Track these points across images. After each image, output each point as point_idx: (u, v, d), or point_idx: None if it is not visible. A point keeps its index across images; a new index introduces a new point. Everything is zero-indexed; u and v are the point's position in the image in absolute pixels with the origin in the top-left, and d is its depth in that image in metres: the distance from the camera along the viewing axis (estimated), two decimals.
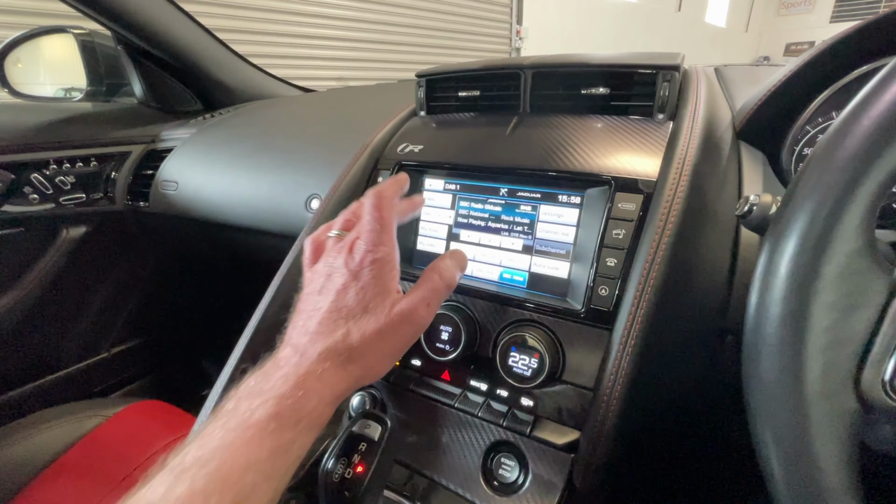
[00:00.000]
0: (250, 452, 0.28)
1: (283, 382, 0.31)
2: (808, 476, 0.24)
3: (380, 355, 0.35)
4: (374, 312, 0.34)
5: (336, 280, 0.35)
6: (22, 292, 0.90)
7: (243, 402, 0.30)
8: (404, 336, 0.36)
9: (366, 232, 0.36)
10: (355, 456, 0.37)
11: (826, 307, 0.23)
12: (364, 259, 0.35)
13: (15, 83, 0.98)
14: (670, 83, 0.49)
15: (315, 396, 0.31)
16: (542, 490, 0.44)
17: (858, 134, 0.23)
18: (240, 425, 0.28)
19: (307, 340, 0.33)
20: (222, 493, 0.26)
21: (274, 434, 0.29)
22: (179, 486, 0.25)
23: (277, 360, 0.33)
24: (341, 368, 0.33)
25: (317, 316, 0.34)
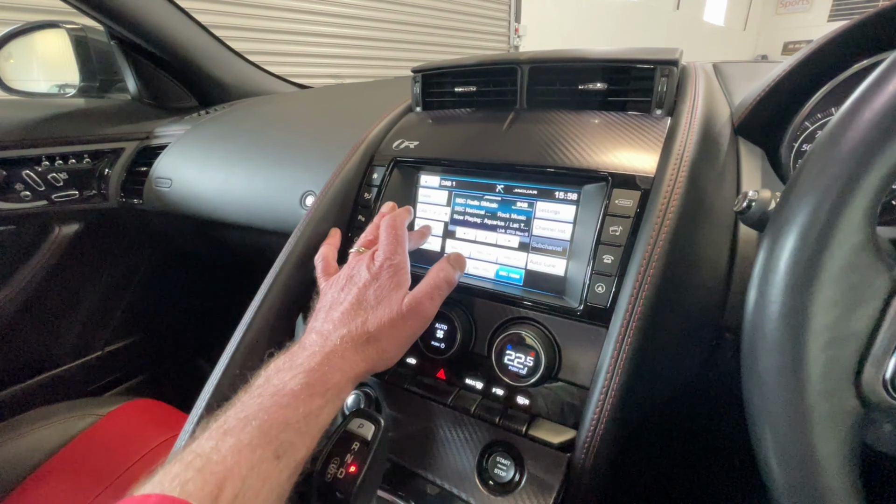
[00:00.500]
0: (287, 414, 0.32)
1: (311, 359, 0.36)
2: (808, 475, 0.23)
3: (393, 341, 0.40)
4: (388, 305, 0.40)
5: (358, 280, 0.42)
6: (14, 290, 0.89)
7: (274, 376, 0.35)
8: (413, 326, 0.41)
9: (384, 245, 0.43)
10: (348, 455, 0.36)
11: (827, 304, 0.22)
12: (383, 264, 0.42)
13: (7, 79, 0.96)
14: (668, 78, 0.49)
15: (338, 371, 0.36)
16: (537, 489, 0.44)
17: (860, 127, 0.22)
18: (275, 393, 0.33)
19: (331, 327, 0.39)
20: (265, 446, 0.30)
21: (306, 400, 0.33)
22: (227, 440, 0.29)
23: (303, 343, 0.39)
24: (360, 351, 0.38)
25: (340, 308, 0.40)
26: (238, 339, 0.51)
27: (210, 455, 0.28)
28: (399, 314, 0.40)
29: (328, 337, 0.38)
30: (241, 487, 0.27)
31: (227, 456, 0.28)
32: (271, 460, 0.30)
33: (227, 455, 0.28)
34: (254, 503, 0.28)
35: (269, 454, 0.30)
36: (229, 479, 0.27)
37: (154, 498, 0.26)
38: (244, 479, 0.28)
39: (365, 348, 0.39)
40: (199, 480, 0.27)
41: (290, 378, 0.34)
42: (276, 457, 0.30)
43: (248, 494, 0.28)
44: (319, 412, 0.34)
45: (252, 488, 0.28)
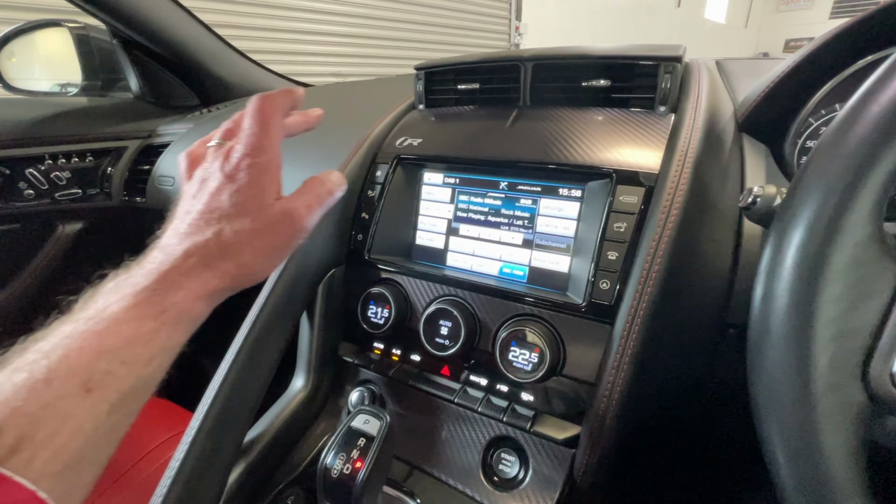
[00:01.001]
0: (102, 340, 0.27)
1: (145, 278, 0.31)
2: (814, 469, 0.23)
3: (257, 253, 0.34)
4: (249, 212, 0.34)
5: (210, 184, 0.35)
6: (18, 289, 0.90)
7: (99, 298, 0.30)
8: (283, 234, 0.36)
9: (245, 136, 0.36)
10: (354, 451, 0.36)
11: (834, 298, 0.22)
12: (241, 163, 0.35)
13: (10, 78, 0.97)
14: (672, 75, 0.49)
15: (180, 290, 0.31)
16: (542, 485, 0.44)
17: (866, 122, 0.22)
18: (92, 318, 0.28)
19: (176, 241, 0.33)
20: (68, 378, 0.25)
21: (130, 324, 0.28)
22: (18, 375, 0.25)
23: (142, 261, 0.33)
24: (212, 266, 0.33)
25: (188, 218, 0.34)
26: (242, 337, 0.52)
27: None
28: (266, 223, 0.34)
29: (170, 253, 0.32)
30: (27, 428, 0.23)
31: (9, 395, 0.24)
32: (77, 395, 0.25)
33: (11, 394, 0.24)
34: (51, 445, 0.24)
35: (74, 388, 0.25)
36: (10, 420, 0.23)
37: None
38: (33, 417, 0.24)
39: (219, 263, 0.33)
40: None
41: (114, 301, 0.29)
42: (85, 390, 0.26)
43: (41, 435, 0.23)
44: (151, 336, 0.29)
45: (46, 428, 0.24)
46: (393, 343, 0.53)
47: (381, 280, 0.54)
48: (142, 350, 0.29)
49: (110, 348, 0.27)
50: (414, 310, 0.51)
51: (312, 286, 0.54)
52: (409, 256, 0.56)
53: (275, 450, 0.50)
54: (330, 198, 0.40)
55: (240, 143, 0.35)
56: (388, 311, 0.51)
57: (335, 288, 0.56)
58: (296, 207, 0.36)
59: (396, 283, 0.53)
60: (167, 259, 0.32)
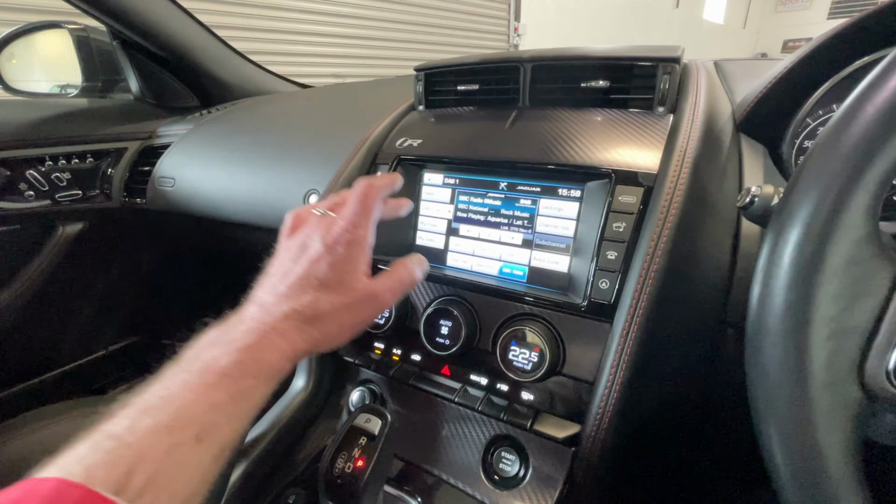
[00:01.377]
0: (213, 394, 0.29)
1: (247, 335, 0.33)
2: (812, 466, 0.23)
3: (341, 325, 0.37)
4: (342, 286, 0.37)
5: (311, 251, 0.37)
6: (19, 290, 0.90)
7: (206, 350, 0.32)
8: (366, 313, 0.38)
9: (347, 214, 0.39)
10: (355, 450, 0.37)
11: (830, 296, 0.23)
12: (340, 237, 0.37)
13: (10, 79, 0.97)
14: (671, 76, 0.49)
15: (276, 350, 0.33)
16: (542, 484, 0.44)
17: (862, 122, 0.22)
18: (203, 371, 0.30)
19: (273, 300, 0.35)
20: (185, 428, 0.27)
21: (236, 380, 0.31)
22: (145, 420, 0.27)
23: (242, 315, 0.35)
24: (302, 330, 0.35)
25: (287, 280, 0.36)
26: None
27: (123, 436, 0.26)
28: (355, 299, 0.37)
29: (269, 311, 0.35)
30: (154, 472, 0.25)
31: (141, 438, 0.26)
32: (192, 443, 0.27)
33: (142, 437, 0.26)
34: (170, 489, 0.26)
35: (190, 437, 0.27)
36: (142, 463, 0.25)
37: (51, 483, 0.23)
38: (159, 462, 0.26)
39: (308, 328, 0.35)
40: (108, 463, 0.24)
41: (221, 354, 0.31)
42: (197, 440, 0.28)
43: (163, 480, 0.25)
44: (249, 393, 0.32)
45: (168, 473, 0.26)
46: (393, 343, 0.53)
47: None
48: (242, 405, 0.31)
49: (219, 403, 0.30)
50: (414, 310, 0.52)
51: None
52: None
53: (276, 449, 0.50)
54: (412, 285, 0.42)
55: (342, 219, 0.39)
56: (388, 311, 0.51)
57: None
58: (381, 291, 0.39)
59: None
60: (266, 318, 0.34)
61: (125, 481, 0.24)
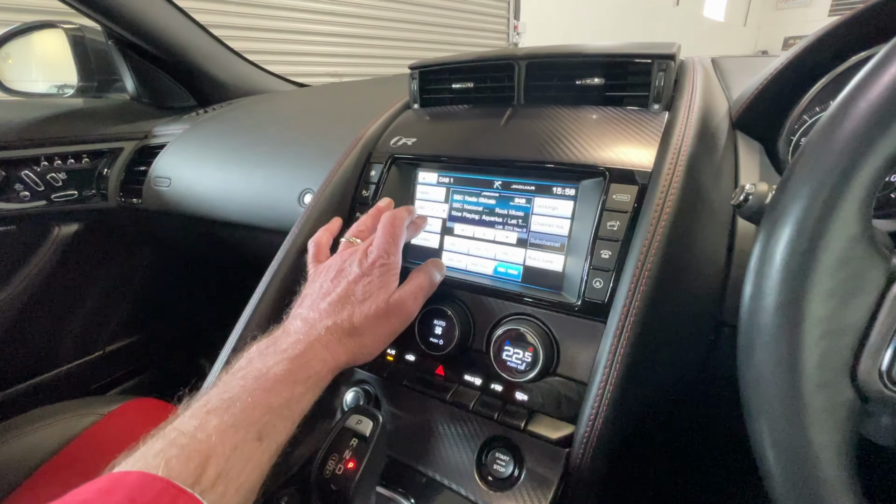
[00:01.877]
0: (270, 398, 0.33)
1: (295, 346, 0.37)
2: (804, 468, 0.23)
3: (375, 336, 0.41)
4: (374, 301, 0.41)
5: (349, 273, 0.42)
6: (15, 291, 0.90)
7: (257, 360, 0.35)
8: (395, 323, 0.43)
9: (380, 242, 0.44)
10: (346, 451, 0.36)
11: (822, 295, 0.22)
12: (376, 262, 0.43)
13: (5, 80, 0.96)
14: (666, 73, 0.49)
15: (320, 361, 0.37)
16: (536, 485, 0.44)
17: (854, 119, 0.22)
18: (259, 377, 0.33)
19: (317, 316, 0.40)
20: (248, 427, 0.30)
21: (288, 386, 0.34)
22: (211, 419, 0.30)
23: (288, 329, 0.39)
24: (343, 343, 0.39)
25: (328, 299, 0.41)
26: (237, 336, 0.52)
27: (195, 433, 0.28)
28: (385, 311, 0.41)
29: (313, 326, 0.39)
30: (224, 466, 0.27)
31: (211, 435, 0.28)
32: (254, 441, 0.30)
33: (212, 434, 0.28)
34: (236, 482, 0.28)
35: (252, 436, 0.30)
36: (213, 458, 0.27)
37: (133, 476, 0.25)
38: (227, 458, 0.28)
39: (348, 341, 0.39)
40: (183, 458, 0.27)
41: (273, 363, 0.35)
42: (258, 438, 0.30)
43: (231, 474, 0.28)
44: (300, 399, 0.35)
45: (235, 468, 0.28)
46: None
47: None
48: (295, 408, 0.34)
49: (275, 406, 0.33)
50: None
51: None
52: (404, 255, 0.56)
53: None
54: (432, 289, 0.47)
55: (375, 248, 0.43)
56: None
57: None
58: (406, 300, 0.43)
59: None
60: (311, 332, 0.38)
61: (199, 474, 0.26)
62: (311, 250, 0.49)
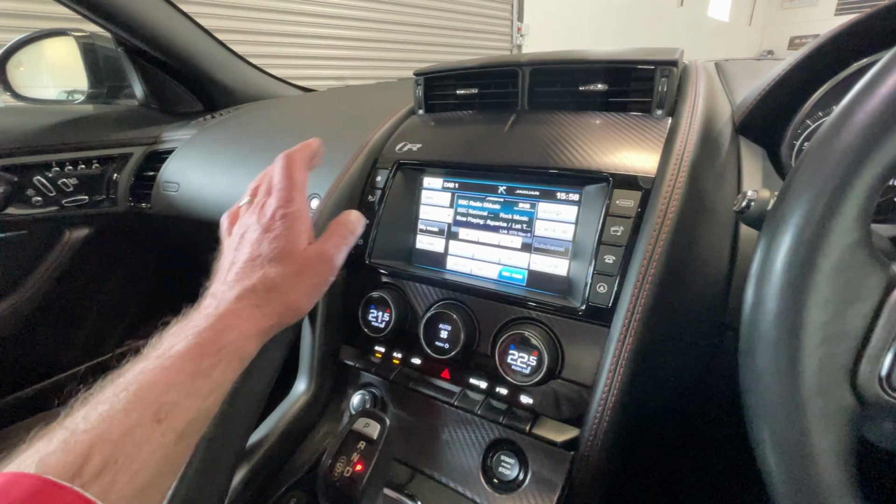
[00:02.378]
0: (170, 376, 0.30)
1: (203, 321, 0.34)
2: (805, 473, 0.23)
3: (300, 292, 0.39)
4: (288, 256, 0.38)
5: (250, 235, 0.39)
6: (27, 294, 0.91)
7: (165, 341, 0.33)
8: (319, 273, 0.40)
9: (277, 190, 0.40)
10: (354, 454, 0.37)
11: (822, 302, 0.23)
12: (275, 214, 0.39)
13: (17, 86, 0.98)
14: (668, 79, 0.49)
15: (234, 330, 0.34)
16: (541, 488, 0.44)
17: (853, 128, 0.22)
18: (160, 356, 0.31)
19: (225, 288, 0.37)
20: (143, 409, 0.28)
21: (193, 360, 0.31)
22: (99, 408, 0.27)
23: (199, 307, 0.37)
24: (261, 307, 0.36)
25: (235, 267, 0.38)
26: None
27: (77, 426, 0.26)
28: (304, 264, 0.39)
29: (223, 297, 0.36)
30: (111, 454, 0.25)
31: (95, 424, 0.26)
32: (150, 423, 0.28)
33: (96, 423, 0.26)
34: (128, 470, 0.26)
35: (148, 417, 0.28)
36: (97, 446, 0.25)
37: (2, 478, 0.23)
38: (115, 444, 0.26)
39: (267, 304, 0.37)
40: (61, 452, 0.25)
41: (178, 341, 0.32)
42: (156, 420, 0.28)
43: (122, 460, 0.26)
44: (210, 371, 0.32)
45: (125, 454, 0.26)
46: (394, 346, 0.54)
47: (382, 284, 0.54)
48: (202, 383, 0.31)
49: (176, 383, 0.30)
50: (414, 313, 0.52)
51: None
52: (410, 260, 0.56)
53: (278, 453, 0.51)
54: (352, 237, 0.44)
55: (272, 198, 0.40)
56: (388, 315, 0.51)
57: (336, 292, 0.56)
58: (327, 249, 0.41)
59: (397, 287, 0.53)
60: (221, 304, 0.35)
61: (80, 465, 0.24)
62: (223, 224, 0.45)
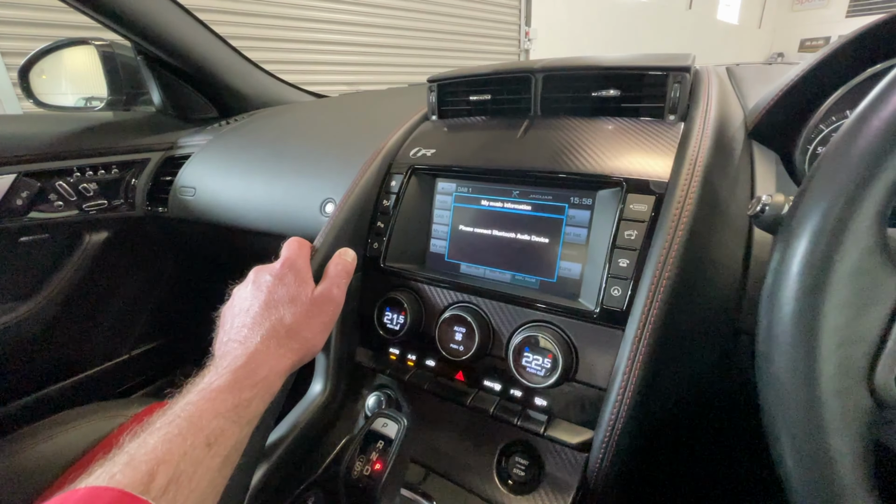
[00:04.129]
0: (216, 406, 0.33)
1: (235, 361, 0.37)
2: (822, 474, 0.24)
3: (313, 331, 0.43)
4: (299, 299, 0.43)
5: (263, 284, 0.43)
6: (48, 296, 0.93)
7: (203, 379, 0.36)
8: (328, 312, 0.45)
9: (284, 252, 0.47)
10: (373, 453, 0.38)
11: (838, 305, 0.23)
12: (284, 264, 0.45)
13: (39, 94, 1.01)
14: (681, 84, 0.50)
15: (265, 367, 0.37)
16: (556, 489, 0.45)
17: (870, 133, 0.23)
18: (202, 391, 0.34)
19: (248, 332, 0.40)
20: (196, 433, 0.31)
21: (234, 393, 0.34)
22: (155, 434, 0.30)
23: (223, 353, 0.39)
24: (284, 346, 0.40)
25: (251, 312, 0.41)
26: None
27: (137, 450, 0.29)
28: (313, 304, 0.43)
29: (248, 339, 0.39)
30: (174, 472, 0.28)
31: (156, 446, 0.29)
32: (203, 447, 0.31)
33: (157, 445, 0.29)
34: (187, 488, 0.28)
35: (201, 441, 0.31)
36: (161, 466, 0.28)
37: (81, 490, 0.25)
38: (176, 464, 0.29)
39: (288, 342, 0.40)
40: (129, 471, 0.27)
41: (216, 378, 0.35)
42: (207, 444, 0.31)
43: (182, 479, 0.28)
44: (248, 403, 0.35)
45: (185, 473, 0.29)
46: (408, 348, 0.54)
47: (397, 287, 0.55)
48: (243, 413, 0.35)
49: (223, 411, 0.33)
50: (429, 316, 0.53)
51: None
52: (424, 264, 0.57)
53: (296, 452, 0.52)
54: (348, 276, 0.49)
55: (281, 256, 0.46)
56: (403, 317, 0.52)
57: (352, 295, 0.57)
58: (330, 289, 0.46)
59: (411, 290, 0.54)
60: (248, 345, 0.38)
61: (148, 483, 0.27)
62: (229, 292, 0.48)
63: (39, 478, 0.67)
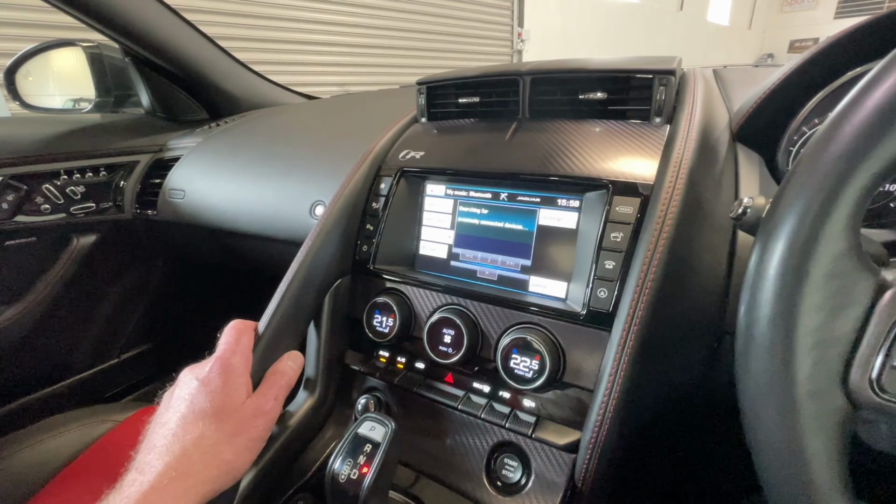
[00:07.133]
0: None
1: (130, 498, 0.30)
2: (798, 473, 0.24)
3: (236, 451, 0.36)
4: (225, 412, 0.36)
5: (184, 391, 0.37)
6: (35, 300, 0.92)
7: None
8: (257, 428, 0.38)
9: (220, 345, 0.40)
10: (360, 457, 0.38)
11: (814, 308, 0.23)
12: (214, 366, 0.38)
13: (26, 95, 1.00)
14: (666, 87, 0.50)
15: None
16: (544, 489, 0.45)
17: (841, 140, 0.23)
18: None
19: (153, 457, 0.33)
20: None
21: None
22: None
23: (122, 486, 0.32)
24: (193, 475, 0.32)
25: (168, 427, 0.35)
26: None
27: None
28: (242, 419, 0.36)
29: (149, 470, 0.32)
30: None
31: None
32: None
33: None
34: None
35: None
36: None
37: None
38: None
39: (201, 469, 0.33)
40: None
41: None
42: None
43: None
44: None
45: None
46: (398, 351, 0.54)
47: (386, 290, 0.55)
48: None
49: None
50: (418, 319, 0.53)
51: (319, 296, 0.56)
52: (413, 266, 0.57)
53: (284, 456, 0.52)
54: (288, 386, 0.43)
55: (216, 352, 0.39)
56: (392, 320, 0.52)
57: (341, 298, 0.57)
58: (264, 402, 0.39)
59: (401, 293, 0.54)
60: (145, 481, 0.31)
61: None
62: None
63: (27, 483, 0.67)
